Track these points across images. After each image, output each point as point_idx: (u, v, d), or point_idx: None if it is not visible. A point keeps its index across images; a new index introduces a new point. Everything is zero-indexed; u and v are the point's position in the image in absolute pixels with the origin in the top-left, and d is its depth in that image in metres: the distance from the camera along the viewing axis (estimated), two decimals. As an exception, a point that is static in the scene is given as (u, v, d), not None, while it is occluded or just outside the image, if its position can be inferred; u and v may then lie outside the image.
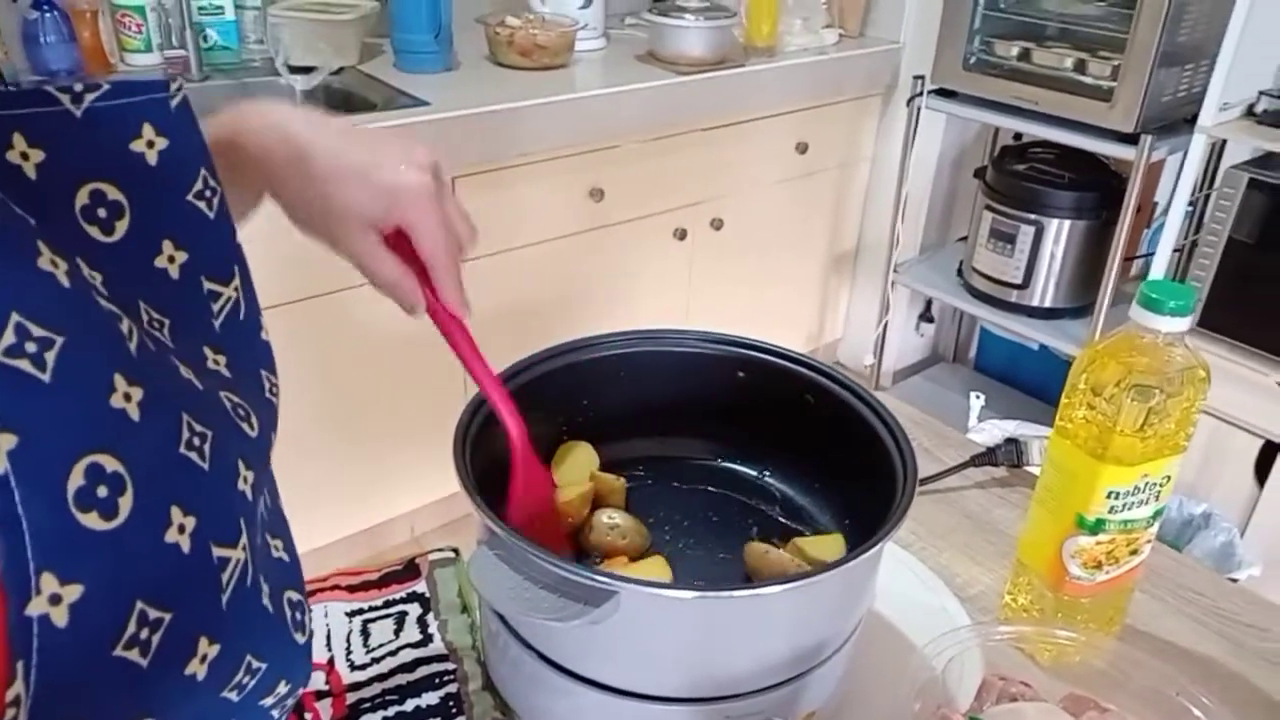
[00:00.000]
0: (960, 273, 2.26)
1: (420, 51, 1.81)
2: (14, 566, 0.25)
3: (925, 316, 2.62)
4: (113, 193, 0.33)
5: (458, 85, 1.79)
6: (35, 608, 0.26)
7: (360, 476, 1.77)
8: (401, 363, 1.74)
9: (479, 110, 1.64)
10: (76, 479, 0.27)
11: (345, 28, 1.82)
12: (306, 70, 1.79)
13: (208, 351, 0.38)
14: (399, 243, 0.55)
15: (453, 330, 0.58)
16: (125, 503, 0.28)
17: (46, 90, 0.31)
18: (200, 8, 1.79)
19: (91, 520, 0.27)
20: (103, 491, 0.28)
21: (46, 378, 0.27)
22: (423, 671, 0.65)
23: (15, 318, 0.26)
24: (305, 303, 1.56)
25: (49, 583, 0.26)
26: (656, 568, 0.64)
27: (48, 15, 1.60)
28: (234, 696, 0.34)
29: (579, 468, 0.70)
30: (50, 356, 0.27)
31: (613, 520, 0.66)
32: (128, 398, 0.29)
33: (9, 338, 0.26)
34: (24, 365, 0.26)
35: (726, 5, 2.03)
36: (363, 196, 0.52)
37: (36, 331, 0.27)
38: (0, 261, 0.27)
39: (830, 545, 0.66)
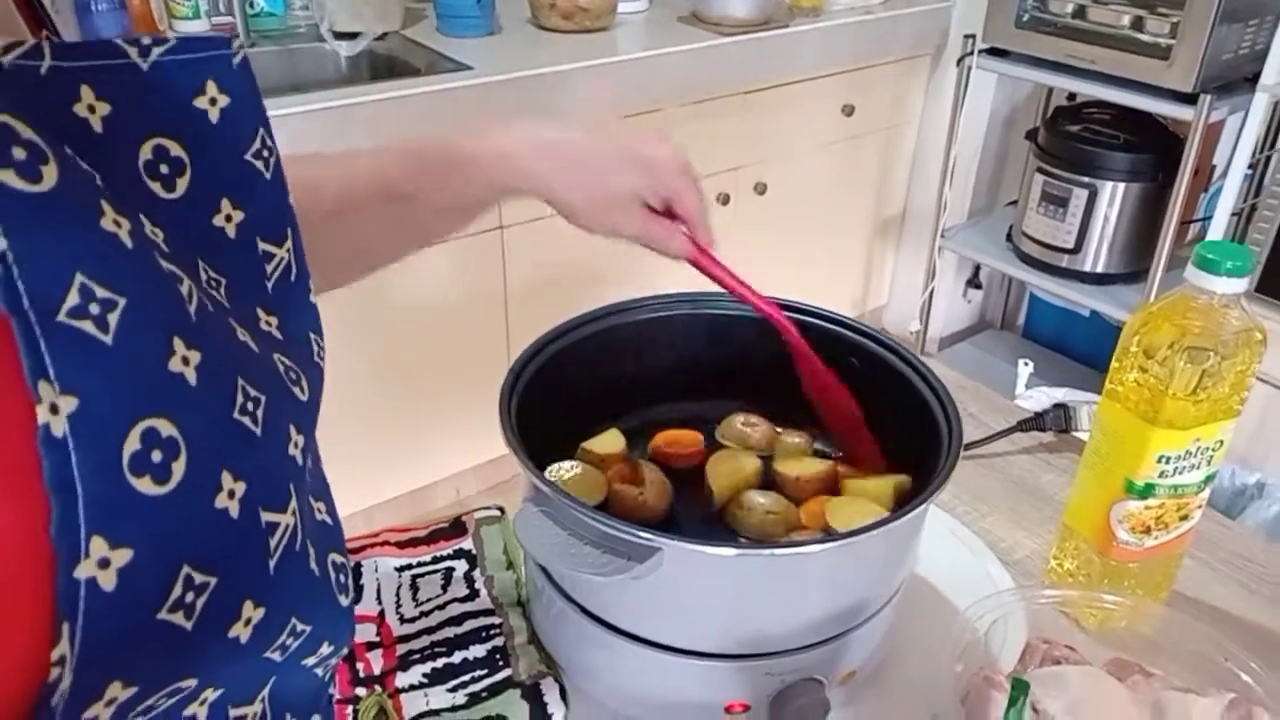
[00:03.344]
0: (1009, 237, 2.22)
1: (463, 16, 1.81)
2: (66, 529, 0.25)
3: (973, 282, 2.57)
4: (175, 149, 0.33)
5: (500, 49, 1.79)
6: (84, 571, 0.26)
7: (405, 439, 1.80)
8: (445, 327, 1.75)
9: (522, 74, 1.63)
10: (132, 443, 0.27)
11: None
12: (351, 36, 1.79)
13: (260, 312, 0.38)
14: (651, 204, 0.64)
15: (712, 268, 0.66)
16: (178, 467, 0.28)
17: (114, 42, 0.30)
18: (248, -22, 1.80)
19: (144, 485, 0.27)
20: (157, 456, 0.27)
21: (109, 340, 0.27)
22: (470, 625, 0.66)
23: (79, 278, 0.26)
24: (352, 267, 1.58)
25: (99, 546, 0.26)
26: None
27: (100, -17, 1.62)
28: (277, 657, 0.35)
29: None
30: (113, 318, 0.27)
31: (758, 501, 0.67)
32: (185, 361, 0.29)
33: (73, 298, 0.26)
34: (87, 327, 0.26)
35: (772, -35, 2.00)
36: (635, 178, 0.62)
37: (100, 293, 0.27)
38: (65, 221, 0.27)
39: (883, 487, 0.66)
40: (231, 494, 0.30)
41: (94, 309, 0.26)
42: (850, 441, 0.72)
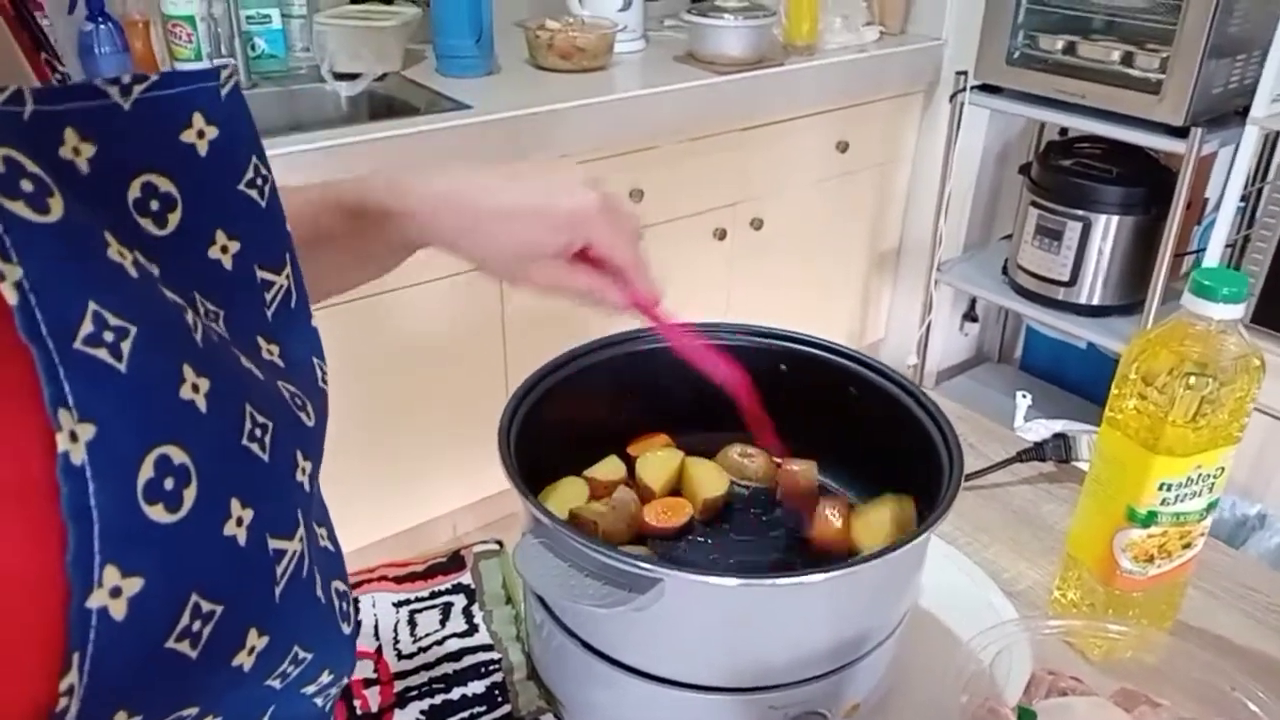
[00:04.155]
0: (1005, 271, 2.23)
1: (461, 56, 1.83)
2: (80, 558, 0.25)
3: (969, 316, 2.58)
4: (165, 185, 0.33)
5: (499, 88, 1.81)
6: (96, 600, 0.26)
7: (402, 476, 1.79)
8: (442, 364, 1.75)
9: (520, 113, 1.65)
10: (146, 471, 0.27)
11: (388, 34, 1.84)
12: (351, 77, 1.82)
13: (261, 341, 0.38)
14: (580, 252, 0.60)
15: (653, 315, 0.62)
16: (189, 495, 0.28)
17: (93, 84, 0.30)
18: (249, 17, 1.82)
19: (157, 513, 0.27)
20: (169, 484, 0.28)
21: (123, 368, 0.27)
22: (469, 661, 0.66)
23: (93, 306, 0.26)
24: (347, 305, 1.58)
25: (111, 575, 0.26)
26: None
27: (102, 26, 1.64)
28: (277, 684, 0.34)
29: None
30: (126, 346, 0.27)
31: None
32: (196, 389, 0.29)
33: (87, 326, 0.26)
34: (102, 355, 0.26)
35: (765, 4, 2.03)
36: (544, 234, 0.58)
37: (113, 321, 0.27)
38: (75, 251, 0.27)
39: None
40: (240, 521, 0.30)
41: (108, 337, 0.27)
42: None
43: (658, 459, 0.71)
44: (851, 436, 0.71)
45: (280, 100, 1.85)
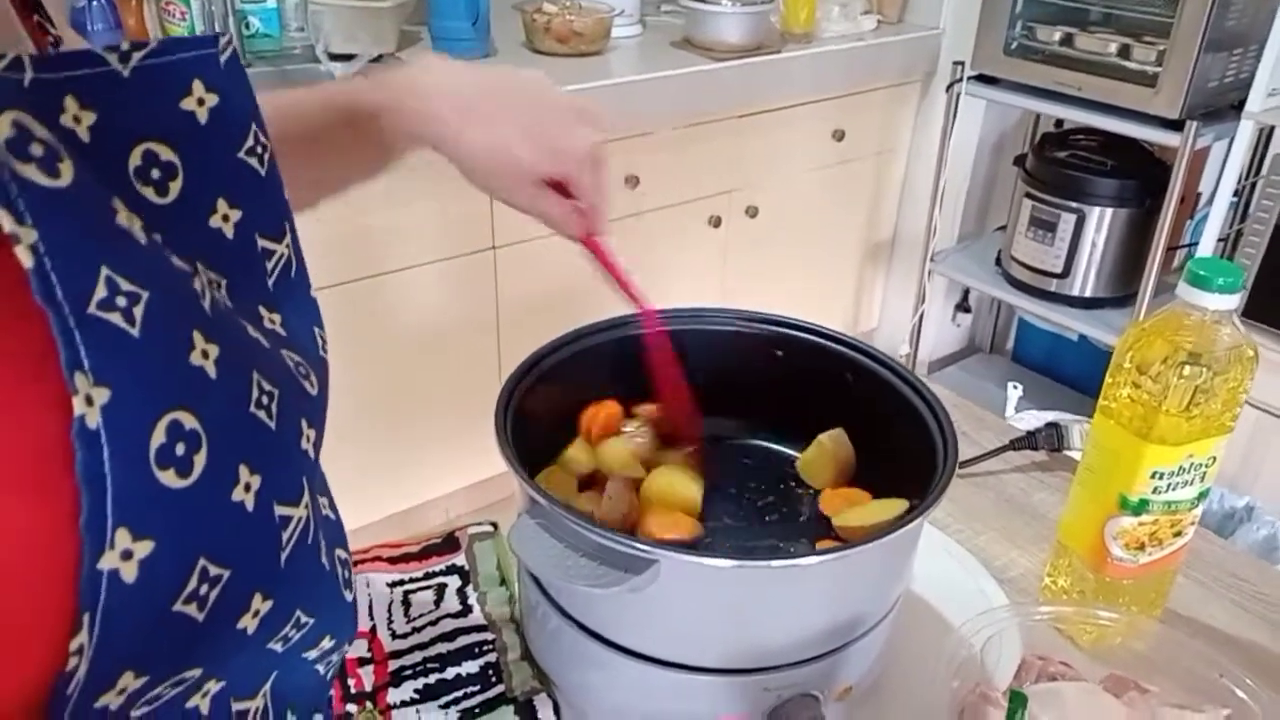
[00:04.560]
0: (999, 262, 2.23)
1: (458, 38, 1.82)
2: (93, 521, 0.26)
3: (962, 306, 2.59)
4: (165, 153, 0.33)
5: (495, 72, 1.80)
6: (107, 562, 0.26)
7: (396, 460, 1.79)
8: (437, 348, 1.75)
9: (516, 96, 1.64)
10: (159, 436, 0.27)
11: (384, 15, 1.83)
12: (346, 58, 1.80)
13: (263, 310, 0.38)
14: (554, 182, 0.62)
15: (599, 252, 0.66)
16: (199, 460, 0.28)
17: (93, 51, 0.30)
18: (243, -5, 1.81)
19: (168, 478, 0.27)
20: (180, 449, 0.28)
21: (136, 333, 0.27)
22: (462, 641, 0.66)
23: (105, 271, 0.26)
24: (341, 288, 1.58)
25: (123, 538, 0.26)
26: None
27: (95, 3, 1.63)
28: (279, 648, 0.35)
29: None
30: (138, 311, 0.27)
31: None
32: (205, 355, 0.29)
33: (101, 291, 0.26)
34: (116, 319, 0.26)
35: (764, -9, 2.02)
36: (535, 154, 0.59)
37: (125, 286, 0.27)
38: (86, 216, 0.27)
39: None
40: (248, 487, 0.30)
41: (120, 301, 0.27)
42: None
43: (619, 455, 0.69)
44: (846, 422, 0.71)
45: (274, 81, 1.84)
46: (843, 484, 0.70)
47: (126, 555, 0.26)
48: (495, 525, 0.77)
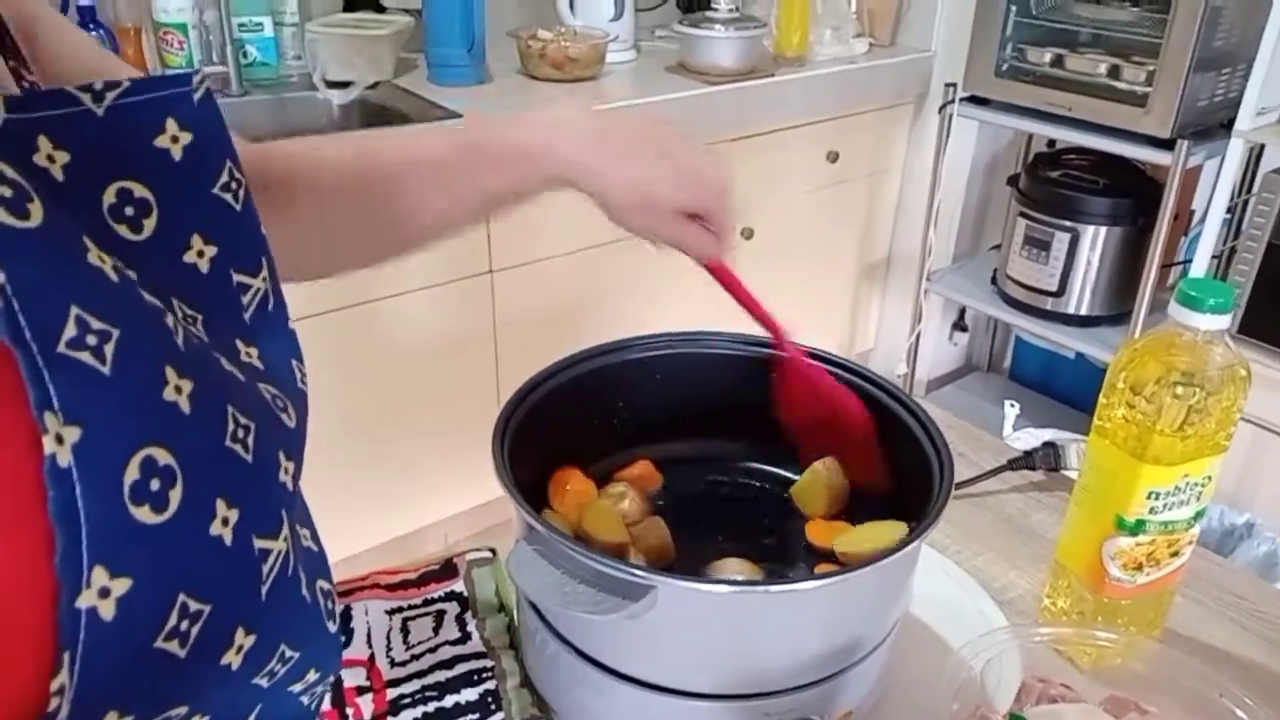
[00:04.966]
0: (994, 281, 2.25)
1: (453, 65, 1.84)
2: (69, 559, 0.26)
3: (959, 325, 2.60)
4: (139, 190, 0.33)
5: (490, 98, 1.82)
6: (85, 600, 0.26)
7: (393, 485, 1.78)
8: (434, 371, 1.75)
9: (512, 122, 1.66)
10: (132, 472, 0.27)
11: (380, 43, 1.85)
12: (343, 85, 1.82)
13: (240, 344, 0.38)
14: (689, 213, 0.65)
15: (725, 276, 0.70)
16: (175, 496, 0.28)
17: (67, 91, 0.31)
18: (240, 24, 1.83)
19: (143, 514, 0.27)
20: (155, 485, 0.28)
21: (107, 370, 0.27)
22: (461, 668, 0.66)
23: (75, 310, 0.27)
24: (339, 313, 1.58)
25: (100, 576, 0.26)
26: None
27: (93, 34, 1.64)
28: (264, 683, 0.35)
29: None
30: (109, 349, 0.27)
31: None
32: (179, 390, 0.29)
33: (70, 330, 0.26)
34: (86, 358, 0.27)
35: (756, 16, 2.04)
36: (683, 194, 0.63)
37: (95, 324, 0.27)
38: (55, 256, 0.27)
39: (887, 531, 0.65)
40: (225, 521, 0.30)
41: (91, 340, 0.27)
42: (857, 458, 0.71)
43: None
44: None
45: (272, 108, 1.85)
46: (835, 512, 0.70)
47: (104, 593, 0.26)
48: (494, 551, 0.77)
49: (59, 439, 0.26)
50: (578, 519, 0.65)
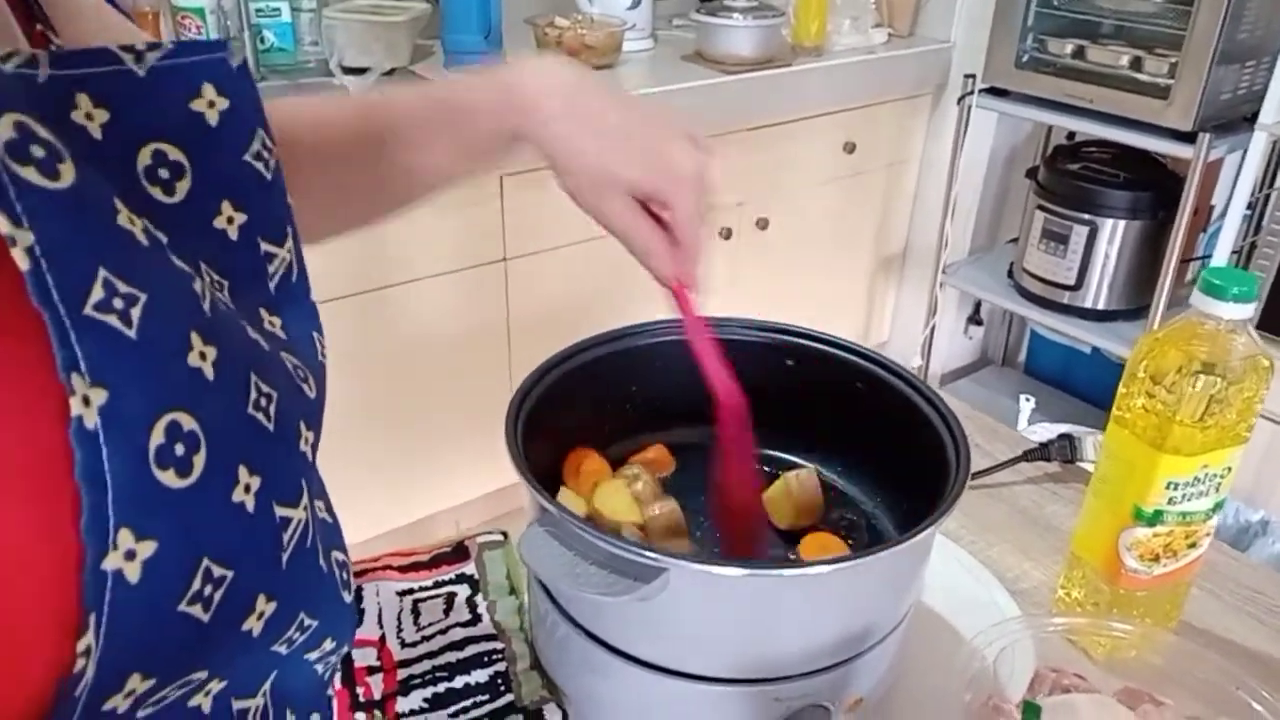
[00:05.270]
0: (1010, 274, 2.23)
1: (470, 52, 1.83)
2: (95, 521, 0.26)
3: (974, 319, 2.58)
4: (174, 153, 0.33)
5: (507, 85, 1.81)
6: (111, 563, 0.26)
7: (406, 471, 1.79)
8: (447, 359, 1.76)
9: (528, 109, 1.65)
10: (157, 436, 0.27)
11: (397, 29, 1.84)
12: (360, 71, 1.82)
13: (264, 313, 0.38)
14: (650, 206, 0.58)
15: (683, 301, 0.61)
16: (199, 461, 0.28)
17: (109, 49, 0.30)
18: (258, 10, 1.82)
19: (168, 478, 0.28)
20: (180, 449, 0.28)
21: (133, 334, 0.27)
22: (472, 650, 0.66)
23: (102, 272, 0.27)
24: (352, 299, 1.59)
25: (126, 539, 0.26)
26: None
27: (112, 17, 1.65)
28: (283, 650, 0.35)
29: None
30: (135, 313, 0.27)
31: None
32: (203, 356, 0.29)
33: (98, 292, 0.26)
34: (113, 320, 0.27)
35: (774, 5, 2.03)
36: (637, 167, 0.55)
37: (122, 288, 0.27)
38: (85, 218, 0.27)
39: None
40: (248, 488, 0.31)
41: (118, 303, 0.27)
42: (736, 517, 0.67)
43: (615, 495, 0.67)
44: (857, 432, 0.71)
45: (288, 94, 1.85)
46: (803, 524, 0.69)
47: (130, 555, 0.26)
48: (505, 534, 0.77)
49: (85, 401, 0.26)
50: (591, 498, 0.65)
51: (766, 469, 0.75)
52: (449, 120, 0.57)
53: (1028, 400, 2.14)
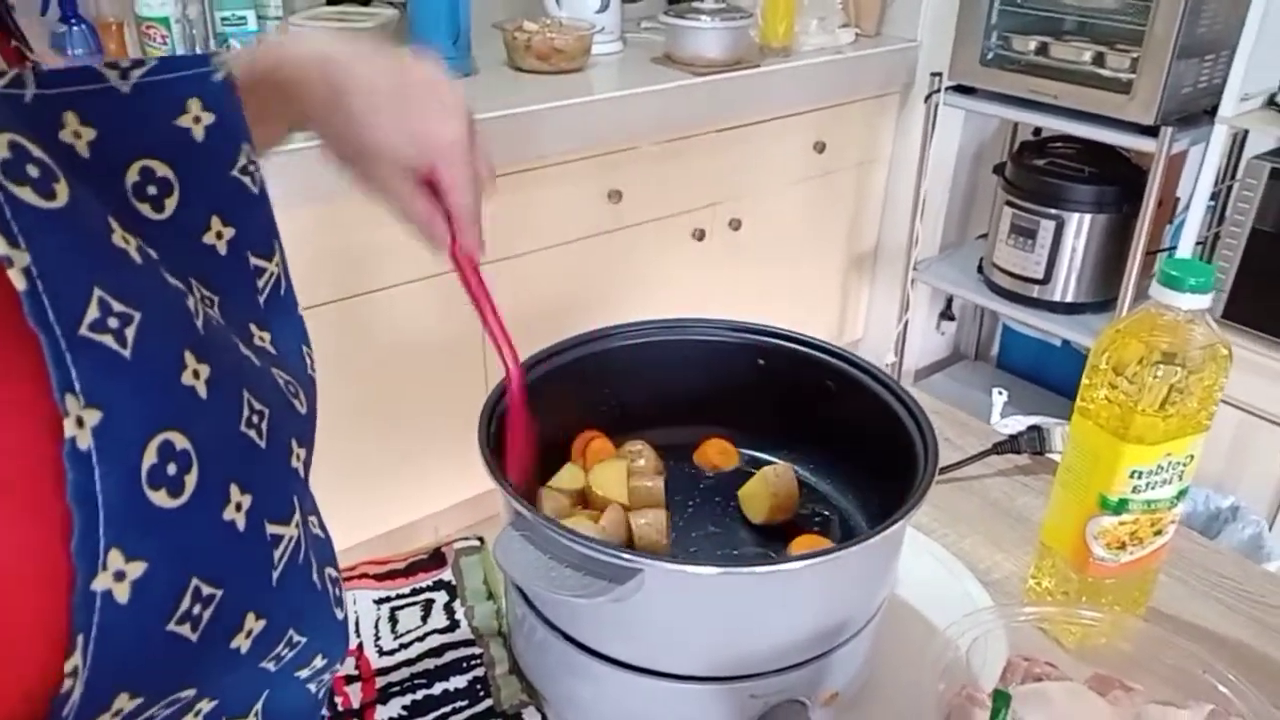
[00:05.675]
0: (981, 269, 2.25)
1: (439, 57, 1.83)
2: (85, 542, 0.26)
3: (946, 314, 2.61)
4: (162, 169, 0.33)
5: (476, 90, 1.81)
6: (100, 583, 0.26)
7: (384, 478, 1.78)
8: (425, 364, 1.75)
9: (497, 114, 1.65)
10: (150, 456, 0.27)
11: (365, 36, 1.84)
12: (327, 78, 1.81)
13: (254, 328, 0.38)
14: (426, 180, 0.56)
15: (467, 271, 0.60)
16: (191, 480, 0.28)
17: (92, 67, 0.30)
18: (224, 18, 1.81)
19: (160, 498, 0.27)
20: (172, 469, 0.28)
21: (128, 354, 0.27)
22: (450, 656, 0.66)
23: (98, 292, 0.26)
24: (331, 305, 1.58)
25: (115, 559, 0.26)
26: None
27: (75, 28, 1.63)
28: (271, 667, 0.35)
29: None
30: (130, 332, 0.27)
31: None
32: (196, 375, 0.29)
33: (93, 312, 0.26)
34: (108, 340, 0.27)
35: (742, 6, 2.04)
36: (398, 141, 0.53)
37: (117, 307, 0.27)
38: (80, 237, 0.27)
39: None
40: (239, 507, 0.30)
41: (113, 323, 0.27)
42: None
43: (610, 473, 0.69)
44: (828, 429, 0.71)
45: (256, 102, 1.84)
46: (779, 519, 0.69)
47: (119, 576, 0.26)
48: (481, 540, 0.77)
49: (79, 422, 0.26)
50: (588, 475, 0.67)
51: (747, 469, 0.75)
52: (272, 95, 0.53)
53: (1001, 394, 2.16)
